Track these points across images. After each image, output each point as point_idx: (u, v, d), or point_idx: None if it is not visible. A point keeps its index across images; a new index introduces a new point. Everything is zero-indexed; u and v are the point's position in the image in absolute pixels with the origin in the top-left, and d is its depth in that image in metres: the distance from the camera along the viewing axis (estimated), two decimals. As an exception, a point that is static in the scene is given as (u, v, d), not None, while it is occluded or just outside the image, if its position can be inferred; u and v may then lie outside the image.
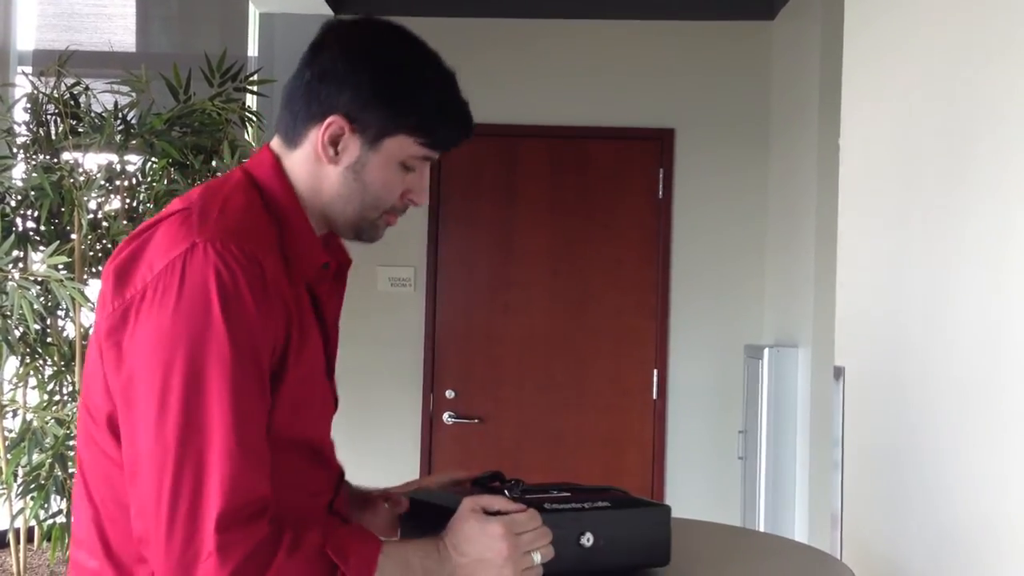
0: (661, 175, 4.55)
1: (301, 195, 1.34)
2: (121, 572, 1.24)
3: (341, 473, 1.45)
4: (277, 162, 1.35)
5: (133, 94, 3.11)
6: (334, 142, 1.31)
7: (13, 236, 2.90)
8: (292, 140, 1.35)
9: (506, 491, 1.38)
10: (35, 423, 2.86)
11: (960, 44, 1.81)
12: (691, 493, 4.39)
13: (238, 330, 1.17)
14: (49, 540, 2.99)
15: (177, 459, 1.14)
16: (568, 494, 1.42)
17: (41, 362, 3.06)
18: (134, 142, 3.02)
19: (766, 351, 3.94)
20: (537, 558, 1.25)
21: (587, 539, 1.35)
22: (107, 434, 1.24)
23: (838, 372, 2.33)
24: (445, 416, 4.53)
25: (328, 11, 4.46)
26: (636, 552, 1.41)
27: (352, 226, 1.37)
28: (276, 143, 1.38)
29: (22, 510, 2.98)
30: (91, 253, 3.04)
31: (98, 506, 1.26)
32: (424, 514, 1.44)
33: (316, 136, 1.32)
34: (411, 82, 1.31)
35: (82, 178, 2.93)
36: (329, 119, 1.30)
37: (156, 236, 1.23)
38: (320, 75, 1.32)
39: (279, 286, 1.23)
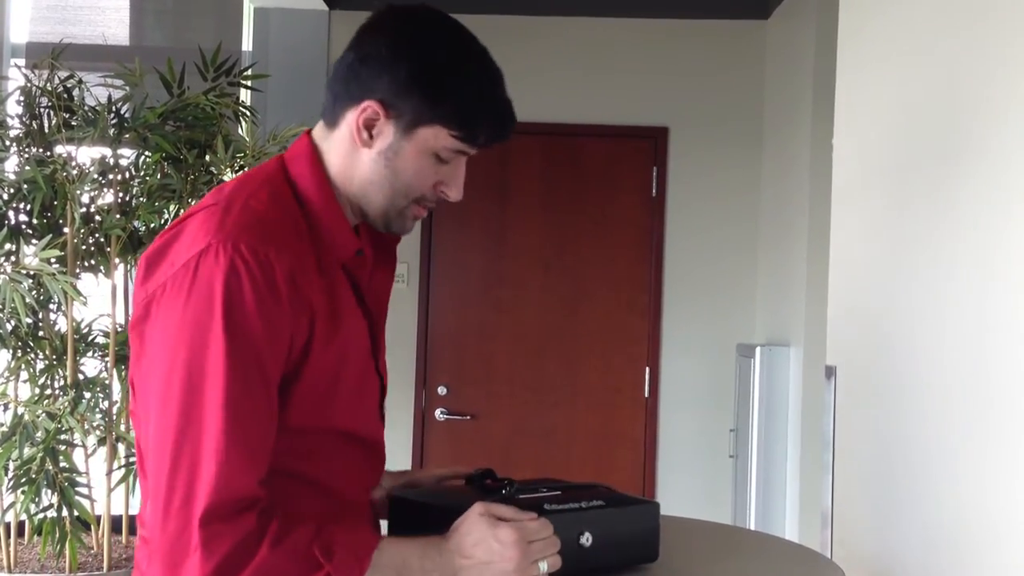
0: (655, 173, 4.56)
1: (334, 181, 1.35)
2: None
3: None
4: (313, 150, 1.35)
5: (127, 88, 3.10)
6: (368, 126, 1.31)
7: (5, 229, 2.89)
8: (331, 121, 1.35)
9: (503, 491, 1.38)
10: (26, 417, 2.86)
11: (954, 44, 1.81)
12: (682, 491, 4.40)
13: (238, 335, 1.19)
14: (40, 534, 2.99)
15: (175, 451, 1.18)
16: (559, 492, 1.42)
17: (33, 356, 3.05)
18: (127, 136, 3.01)
19: (758, 350, 3.95)
20: (544, 567, 1.24)
21: (586, 539, 1.34)
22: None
23: (829, 371, 2.34)
24: (437, 412, 4.53)
25: (322, 5, 4.45)
26: (627, 549, 1.41)
27: (382, 214, 1.36)
28: (317, 129, 1.38)
29: (13, 504, 2.98)
30: (83, 247, 3.04)
31: (147, 476, 1.29)
32: (409, 512, 1.44)
33: (352, 118, 1.32)
34: (451, 72, 1.31)
35: (75, 172, 2.92)
36: (365, 103, 1.30)
37: (186, 230, 1.26)
38: (363, 58, 1.32)
39: (299, 282, 1.24)
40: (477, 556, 1.22)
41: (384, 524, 1.48)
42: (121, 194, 3.11)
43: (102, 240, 3.06)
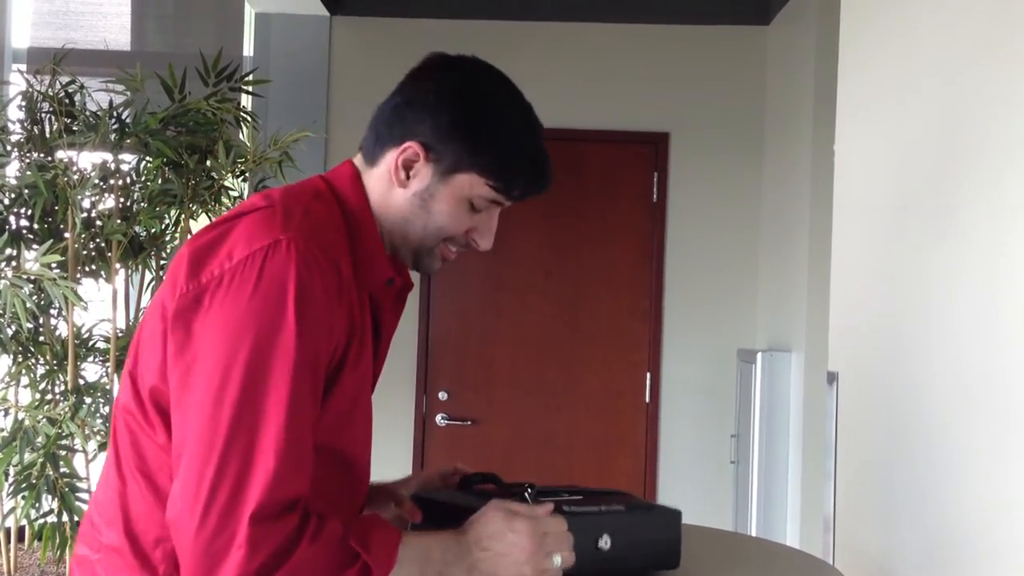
0: (655, 179, 4.56)
1: (374, 211, 1.36)
2: (137, 550, 1.25)
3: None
4: (357, 175, 1.37)
5: (128, 93, 3.10)
6: (407, 167, 1.33)
7: (6, 234, 2.89)
8: (371, 159, 1.37)
9: (526, 495, 1.38)
10: (27, 422, 2.86)
11: (956, 50, 1.81)
12: (683, 497, 4.39)
13: (307, 331, 1.18)
14: (40, 539, 2.98)
15: (226, 447, 1.15)
16: (580, 497, 1.42)
17: (33, 361, 3.05)
18: (128, 141, 3.02)
19: (759, 355, 3.95)
20: (557, 560, 1.26)
21: (605, 542, 1.35)
22: (150, 408, 1.25)
23: (831, 377, 2.34)
24: (438, 418, 4.53)
25: (324, 11, 4.46)
26: (648, 555, 1.41)
27: (412, 250, 1.38)
28: (358, 159, 1.40)
29: (13, 509, 2.98)
30: (84, 252, 3.04)
31: (126, 479, 1.27)
32: (430, 511, 1.44)
33: (392, 158, 1.34)
34: (494, 123, 1.33)
35: (76, 177, 2.93)
36: (407, 144, 1.33)
37: (239, 227, 1.25)
38: (408, 101, 1.34)
39: (351, 292, 1.26)
40: (493, 548, 1.24)
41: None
42: (122, 199, 3.11)
43: (103, 245, 3.07)
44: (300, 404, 1.18)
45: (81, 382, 3.01)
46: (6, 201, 2.98)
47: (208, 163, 3.09)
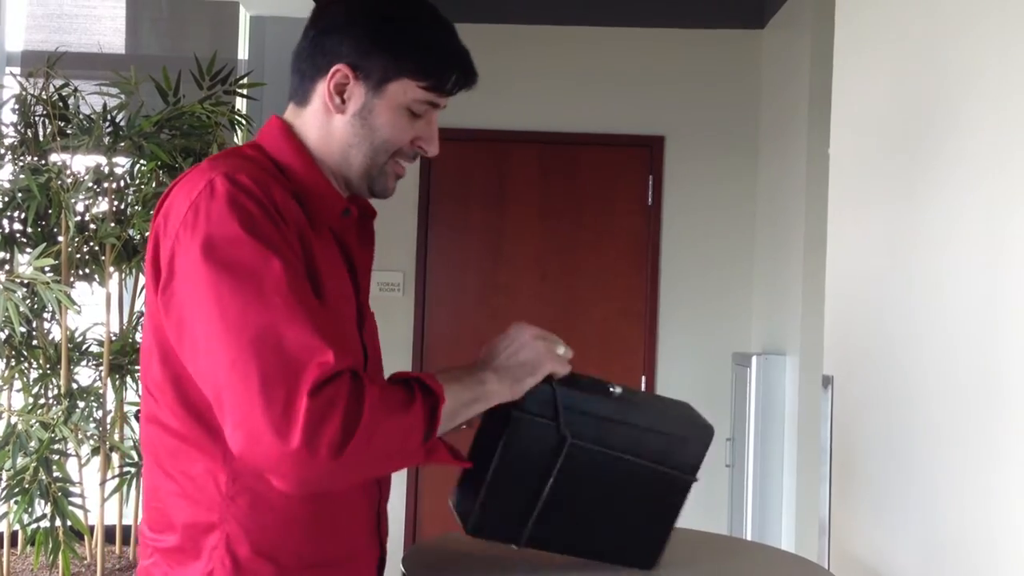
0: (651, 182, 4.56)
1: (315, 154, 1.39)
2: (195, 543, 1.27)
3: None
4: (286, 127, 1.40)
5: (122, 96, 3.10)
6: (340, 91, 1.36)
7: (0, 238, 2.88)
8: (302, 99, 1.40)
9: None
10: (20, 427, 2.84)
11: (951, 54, 1.81)
12: (678, 500, 4.38)
13: (264, 238, 1.21)
14: (33, 545, 2.97)
15: (256, 357, 1.15)
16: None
17: (26, 365, 3.04)
18: (123, 144, 3.01)
19: (754, 359, 3.94)
20: (561, 350, 1.41)
21: (615, 388, 1.45)
22: (175, 405, 1.27)
23: (826, 381, 2.33)
24: (433, 421, 4.51)
25: (319, 15, 4.45)
26: (658, 452, 1.46)
27: (364, 174, 1.40)
28: (288, 112, 1.43)
29: (6, 514, 2.96)
30: (78, 256, 3.03)
31: (177, 480, 1.29)
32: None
33: (323, 88, 1.37)
34: (409, 28, 1.37)
35: (70, 180, 2.92)
36: (333, 68, 1.35)
37: (175, 192, 1.29)
38: (324, 30, 1.37)
39: (296, 219, 1.27)
40: (504, 348, 1.39)
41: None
42: (116, 202, 3.10)
43: (96, 249, 3.06)
44: (300, 291, 1.20)
45: (74, 386, 3.00)
46: (0, 204, 2.98)
47: (202, 166, 3.08)
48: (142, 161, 3.07)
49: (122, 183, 3.13)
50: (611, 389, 1.46)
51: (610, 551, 1.46)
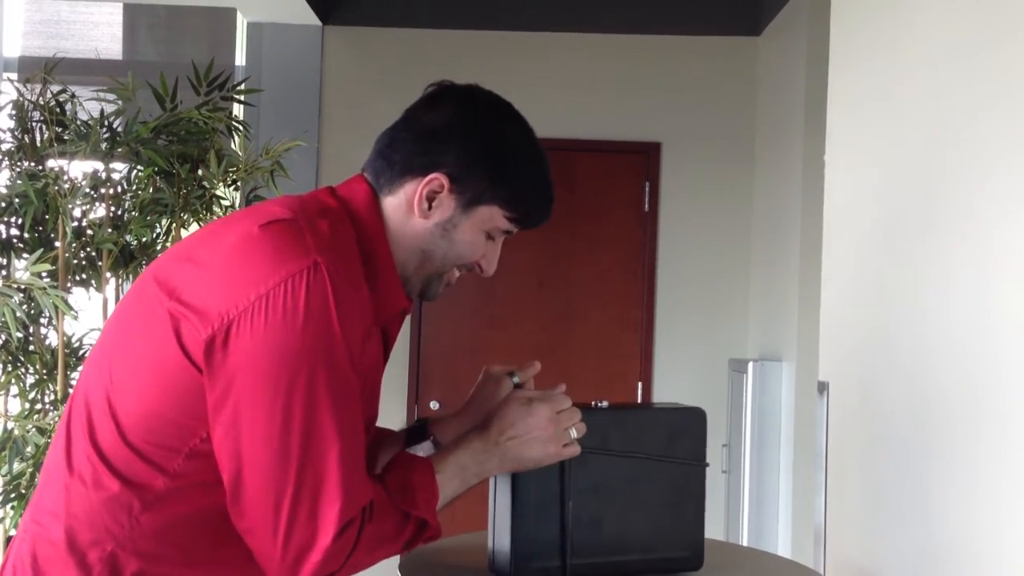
0: (647, 188, 4.57)
1: (389, 239, 1.36)
2: (73, 548, 1.23)
3: None
4: (374, 199, 1.35)
5: (119, 102, 3.10)
6: (431, 198, 1.33)
7: (-4, 243, 2.88)
8: (387, 187, 1.35)
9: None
10: (16, 432, 2.84)
11: (947, 60, 1.82)
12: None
13: (350, 350, 1.21)
14: (29, 550, 2.96)
15: (299, 468, 1.18)
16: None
17: (23, 370, 3.04)
18: (120, 150, 3.01)
19: (750, 365, 3.95)
20: (573, 433, 1.39)
21: (601, 403, 1.47)
22: (119, 442, 1.23)
23: (822, 387, 2.34)
24: (429, 428, 4.51)
25: (316, 21, 4.46)
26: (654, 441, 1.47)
27: (424, 279, 1.38)
28: (366, 182, 1.37)
29: (1, 519, 2.96)
30: (75, 261, 3.03)
31: (74, 472, 1.25)
32: None
33: (414, 188, 1.33)
34: (515, 156, 1.36)
35: (67, 186, 2.92)
36: (432, 175, 1.32)
37: (262, 240, 1.22)
38: (433, 130, 1.34)
39: (368, 316, 1.27)
40: (518, 434, 1.36)
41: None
42: (113, 208, 3.10)
43: (93, 254, 3.06)
44: (354, 419, 1.23)
45: (71, 391, 3.00)
46: (-4, 210, 2.98)
47: (199, 172, 3.08)
48: (139, 167, 3.07)
49: (119, 189, 3.13)
50: (595, 404, 1.49)
51: (655, 561, 1.47)
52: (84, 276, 3.09)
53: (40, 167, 2.99)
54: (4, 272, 2.91)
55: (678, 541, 1.49)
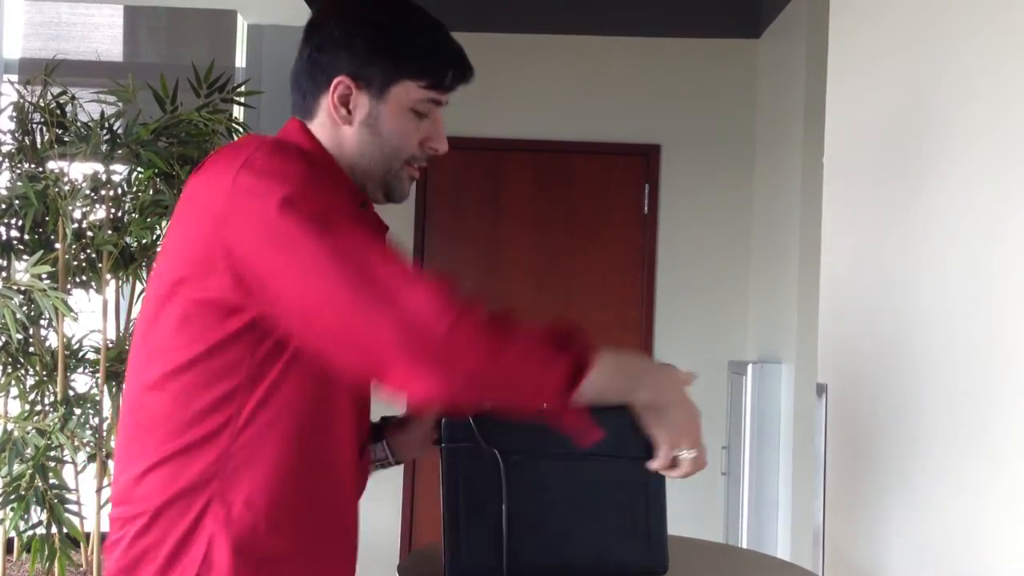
0: (647, 190, 4.57)
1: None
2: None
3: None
4: (305, 126, 1.41)
5: (119, 104, 3.10)
6: (344, 102, 1.38)
7: (-3, 245, 2.89)
8: (307, 115, 1.41)
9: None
10: (16, 433, 2.84)
11: (944, 63, 1.82)
12: (673, 508, 4.34)
13: (329, 195, 1.24)
14: (29, 551, 2.97)
15: (363, 270, 1.19)
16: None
17: (23, 372, 3.04)
18: (120, 152, 3.02)
19: (750, 367, 3.95)
20: (687, 455, 1.46)
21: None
22: (193, 341, 1.25)
23: (821, 389, 2.34)
24: (429, 429, 4.51)
25: (316, 23, 4.46)
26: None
27: (380, 182, 1.41)
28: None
29: (2, 521, 2.96)
30: (75, 263, 3.03)
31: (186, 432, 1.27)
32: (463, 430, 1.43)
33: (327, 102, 1.38)
34: (403, 32, 1.39)
35: (67, 187, 2.92)
36: (334, 81, 1.37)
37: (203, 176, 1.28)
38: (319, 47, 1.39)
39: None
40: (670, 398, 1.45)
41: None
42: (113, 210, 3.11)
43: (94, 256, 3.06)
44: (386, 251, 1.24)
45: (71, 393, 3.00)
46: (-3, 211, 2.98)
47: (199, 174, 3.08)
48: (139, 169, 3.08)
49: (119, 191, 3.13)
50: None
51: (611, 564, 1.44)
52: (84, 278, 3.09)
53: (40, 169, 2.99)
54: (4, 274, 2.91)
55: (636, 543, 1.46)
